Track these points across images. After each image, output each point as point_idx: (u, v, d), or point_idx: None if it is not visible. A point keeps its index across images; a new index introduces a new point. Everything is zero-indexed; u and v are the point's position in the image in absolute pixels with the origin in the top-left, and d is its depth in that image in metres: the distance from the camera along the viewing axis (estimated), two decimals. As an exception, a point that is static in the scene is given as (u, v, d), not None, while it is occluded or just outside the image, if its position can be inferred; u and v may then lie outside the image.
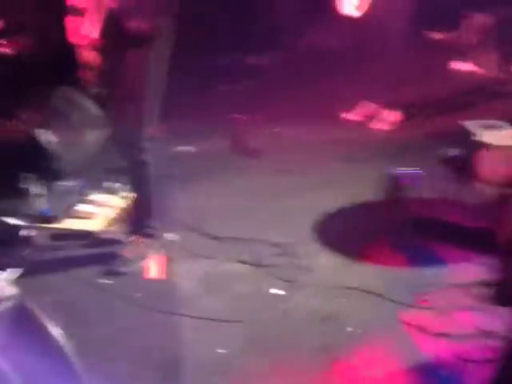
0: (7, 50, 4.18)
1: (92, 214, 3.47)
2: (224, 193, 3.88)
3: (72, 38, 3.10)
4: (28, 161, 3.71)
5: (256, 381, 2.49)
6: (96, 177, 3.83)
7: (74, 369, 2.10)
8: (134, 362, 2.58)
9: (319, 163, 4.18)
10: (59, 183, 3.67)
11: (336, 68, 5.00)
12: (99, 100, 3.53)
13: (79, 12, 3.06)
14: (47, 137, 3.76)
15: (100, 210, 3.51)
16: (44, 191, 3.53)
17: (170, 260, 3.20)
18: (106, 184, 3.71)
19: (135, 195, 3.34)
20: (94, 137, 3.92)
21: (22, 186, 3.51)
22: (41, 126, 3.82)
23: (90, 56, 3.10)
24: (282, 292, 3.01)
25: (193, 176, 4.07)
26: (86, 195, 3.63)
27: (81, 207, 3.52)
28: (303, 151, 4.34)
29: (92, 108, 3.94)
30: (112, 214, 3.50)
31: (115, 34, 3.04)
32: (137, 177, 3.27)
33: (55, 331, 2.21)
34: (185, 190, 3.82)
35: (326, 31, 5.49)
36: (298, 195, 3.79)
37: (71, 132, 3.81)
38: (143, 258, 3.18)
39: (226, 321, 2.80)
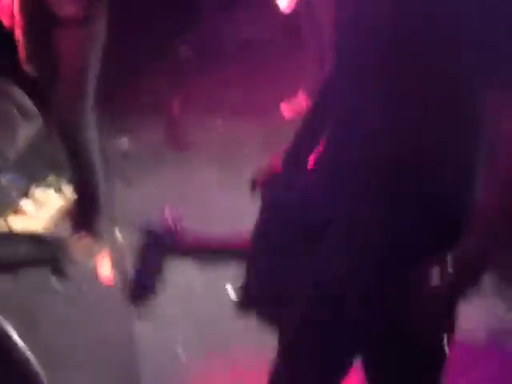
0: None
1: (34, 211, 3.41)
2: (161, 189, 3.87)
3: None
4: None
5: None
6: (36, 171, 3.73)
7: (36, 375, 2.10)
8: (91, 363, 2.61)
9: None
10: (-4, 178, 3.58)
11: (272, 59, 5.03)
12: (33, 86, 3.42)
13: None
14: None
15: (43, 207, 3.45)
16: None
17: (118, 259, 3.20)
18: (47, 179, 3.63)
19: (79, 190, 3.28)
20: (27, 128, 3.83)
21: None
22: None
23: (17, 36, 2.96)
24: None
25: (129, 171, 4.02)
26: (27, 191, 3.55)
27: (21, 204, 3.44)
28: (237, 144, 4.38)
29: (24, 98, 3.84)
30: (56, 210, 3.45)
31: (37, 11, 2.82)
32: (80, 168, 3.19)
33: (15, 338, 2.19)
34: (123, 185, 3.79)
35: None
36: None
37: (2, 124, 3.72)
38: (91, 257, 3.16)
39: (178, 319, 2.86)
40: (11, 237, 3.30)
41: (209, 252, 1.90)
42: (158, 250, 1.87)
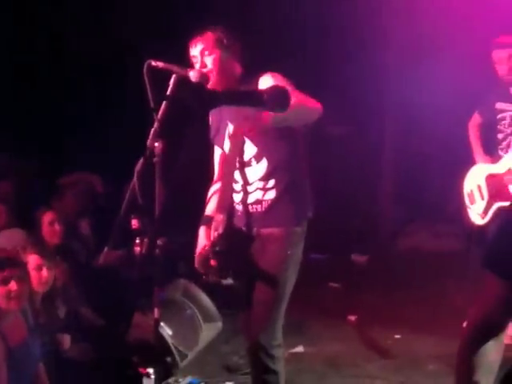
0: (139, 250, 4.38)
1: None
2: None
3: None
4: (148, 354, 3.78)
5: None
6: (212, 372, 3.84)
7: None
8: None
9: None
10: (175, 379, 3.70)
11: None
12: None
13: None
14: (164, 330, 3.85)
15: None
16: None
17: None
18: (222, 381, 3.71)
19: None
20: (208, 331, 4.00)
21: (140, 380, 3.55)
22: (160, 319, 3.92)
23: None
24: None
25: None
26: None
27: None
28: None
29: (208, 302, 4.06)
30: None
31: None
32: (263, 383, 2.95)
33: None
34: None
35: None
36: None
37: (185, 325, 3.90)
38: None
39: None
40: None
41: None
42: None
